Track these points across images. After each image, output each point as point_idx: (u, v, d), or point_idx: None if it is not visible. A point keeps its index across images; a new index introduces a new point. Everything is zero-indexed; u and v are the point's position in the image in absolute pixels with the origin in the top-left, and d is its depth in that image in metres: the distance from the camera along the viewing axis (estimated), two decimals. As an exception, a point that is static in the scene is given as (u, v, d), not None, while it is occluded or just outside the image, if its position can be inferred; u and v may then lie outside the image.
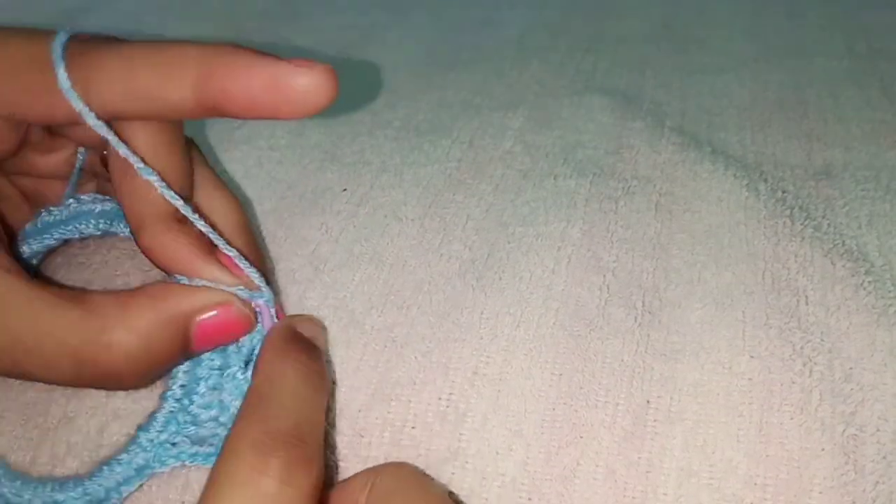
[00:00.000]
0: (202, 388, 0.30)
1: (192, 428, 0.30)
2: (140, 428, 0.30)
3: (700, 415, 0.31)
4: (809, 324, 0.33)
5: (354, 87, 0.47)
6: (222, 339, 0.30)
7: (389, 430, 0.31)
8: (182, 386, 0.30)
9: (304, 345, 0.30)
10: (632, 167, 0.43)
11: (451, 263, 0.37)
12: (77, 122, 0.28)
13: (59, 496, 0.29)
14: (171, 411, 0.30)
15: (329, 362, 0.33)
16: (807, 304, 0.34)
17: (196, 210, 0.30)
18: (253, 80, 0.27)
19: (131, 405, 0.33)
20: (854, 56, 0.54)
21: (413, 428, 0.31)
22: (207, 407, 0.30)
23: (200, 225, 0.29)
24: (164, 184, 0.28)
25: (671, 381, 0.32)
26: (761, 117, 0.48)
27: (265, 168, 0.44)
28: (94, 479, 0.29)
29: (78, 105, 0.27)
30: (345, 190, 0.42)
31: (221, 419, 0.30)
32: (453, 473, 0.30)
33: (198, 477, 0.31)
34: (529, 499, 0.30)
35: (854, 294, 0.34)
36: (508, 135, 0.47)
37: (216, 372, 0.30)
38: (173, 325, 0.28)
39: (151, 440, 0.29)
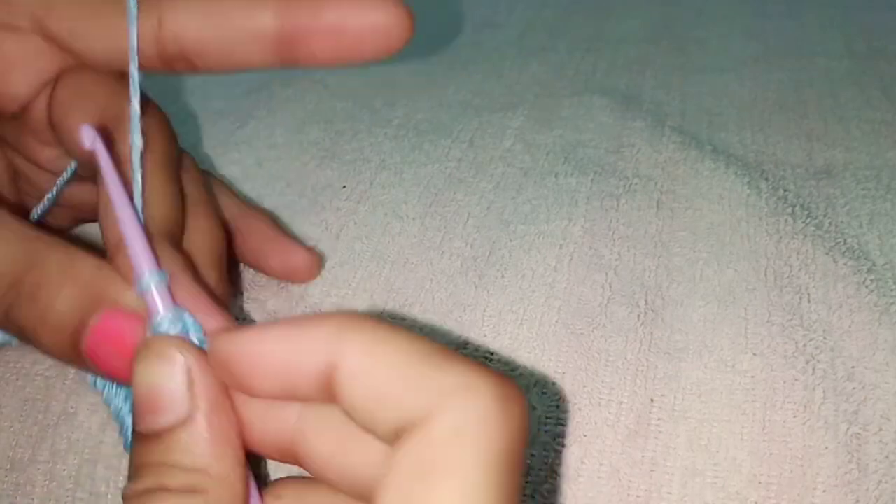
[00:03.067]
0: None
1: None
2: None
3: (704, 413, 0.31)
4: (811, 321, 0.33)
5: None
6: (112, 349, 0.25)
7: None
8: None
9: None
10: (633, 165, 0.43)
11: (452, 261, 0.37)
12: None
13: None
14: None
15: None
16: (809, 301, 0.34)
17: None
18: (335, 15, 0.26)
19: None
20: (854, 56, 0.54)
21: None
22: None
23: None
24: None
25: (674, 380, 0.32)
26: (761, 117, 0.48)
27: (265, 167, 0.44)
28: None
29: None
30: (344, 187, 0.42)
31: None
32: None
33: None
34: (533, 497, 0.30)
35: (856, 292, 0.34)
36: (508, 134, 0.47)
37: None
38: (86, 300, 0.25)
39: None
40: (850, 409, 0.31)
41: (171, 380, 0.22)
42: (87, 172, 0.31)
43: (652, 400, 0.31)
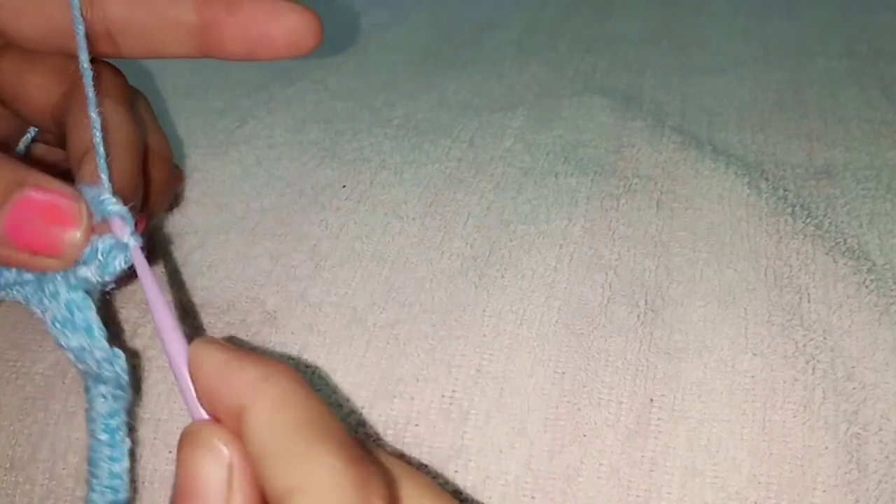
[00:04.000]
0: None
1: None
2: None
3: (703, 413, 0.31)
4: (811, 321, 0.33)
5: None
6: (35, 227, 0.26)
7: (392, 427, 0.31)
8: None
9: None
10: (633, 166, 0.43)
11: (452, 261, 0.37)
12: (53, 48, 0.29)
13: None
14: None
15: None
16: (809, 301, 0.34)
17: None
18: (246, 14, 0.28)
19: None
20: (854, 56, 0.54)
21: (416, 425, 0.31)
22: None
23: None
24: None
25: (674, 380, 0.32)
26: (761, 117, 0.48)
27: (264, 166, 0.44)
28: None
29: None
30: (344, 187, 0.42)
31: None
32: (456, 472, 0.30)
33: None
34: (532, 497, 0.30)
35: (856, 292, 0.34)
36: (508, 134, 0.47)
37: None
38: None
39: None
40: (850, 409, 0.31)
41: (215, 472, 0.22)
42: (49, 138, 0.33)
43: (652, 400, 0.31)
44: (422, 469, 0.30)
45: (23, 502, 0.32)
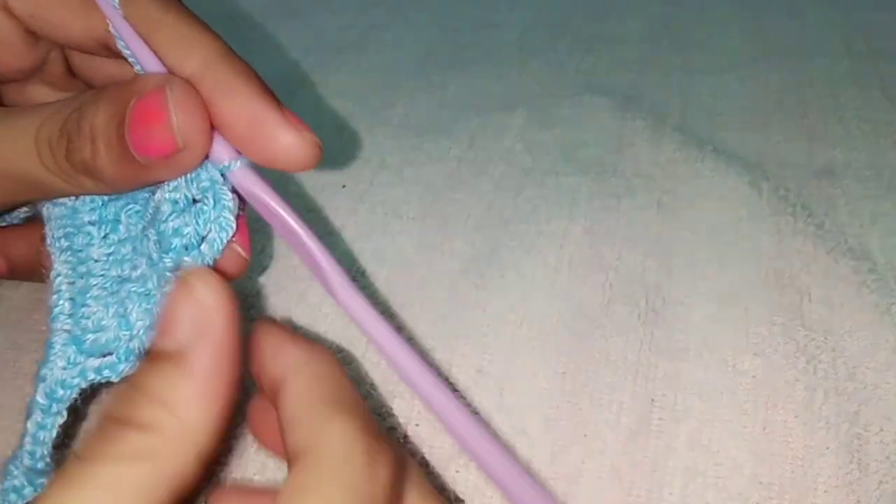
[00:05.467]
0: (92, 293, 0.27)
1: (91, 336, 0.26)
2: (39, 363, 0.27)
3: (705, 413, 0.31)
4: (813, 321, 0.33)
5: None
6: (147, 127, 0.25)
7: (393, 427, 0.31)
8: (69, 300, 0.27)
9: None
10: (633, 166, 0.43)
11: (452, 261, 0.37)
12: (84, 45, 0.29)
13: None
14: (65, 330, 0.27)
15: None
16: (810, 301, 0.34)
17: None
18: (242, 111, 0.26)
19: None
20: (854, 56, 0.54)
21: (416, 425, 0.31)
22: (105, 309, 0.27)
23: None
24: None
25: (675, 380, 0.32)
26: (762, 117, 0.48)
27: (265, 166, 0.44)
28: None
29: (111, 10, 0.27)
30: (344, 186, 0.42)
31: (123, 328, 0.27)
32: (457, 472, 0.30)
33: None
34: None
35: (857, 292, 0.34)
36: (509, 134, 0.46)
37: (108, 277, 0.28)
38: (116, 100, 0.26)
39: (51, 370, 0.26)
40: (852, 410, 0.31)
41: (183, 307, 0.23)
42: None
43: (653, 400, 0.31)
44: (423, 468, 0.30)
45: (22, 503, 0.32)
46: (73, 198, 0.29)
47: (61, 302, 0.27)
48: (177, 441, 0.22)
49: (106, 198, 0.29)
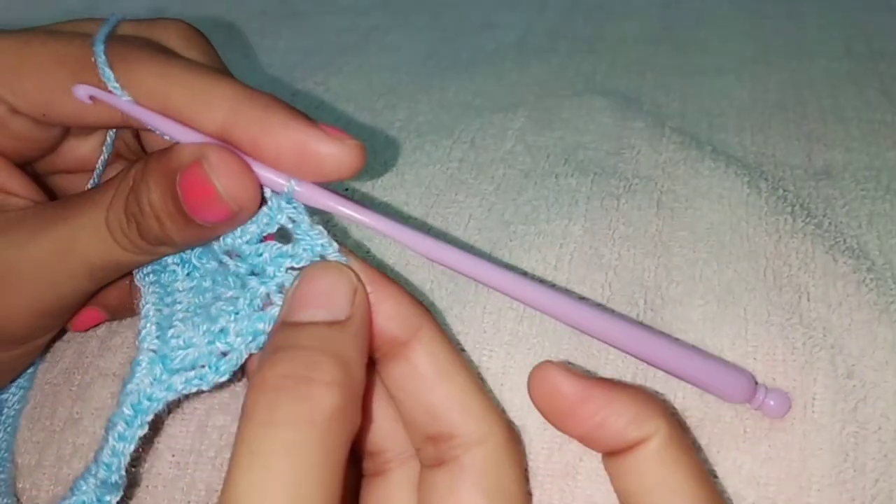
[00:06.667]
0: (178, 317, 0.29)
1: (180, 353, 0.29)
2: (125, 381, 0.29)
3: (703, 412, 0.31)
4: (811, 320, 0.33)
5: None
6: (200, 198, 0.27)
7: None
8: (156, 324, 0.29)
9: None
10: (633, 166, 0.43)
11: (453, 261, 0.37)
12: (106, 124, 0.30)
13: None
14: (152, 350, 0.29)
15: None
16: (808, 300, 0.34)
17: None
18: (284, 140, 0.27)
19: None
20: (854, 57, 0.54)
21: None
22: (195, 329, 0.29)
23: None
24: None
25: (673, 378, 0.32)
26: (761, 118, 0.49)
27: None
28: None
29: (125, 104, 0.28)
30: (347, 189, 0.42)
31: (220, 340, 0.29)
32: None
33: (202, 476, 0.31)
34: (531, 495, 0.30)
35: (856, 290, 0.34)
36: (509, 135, 0.47)
37: (193, 304, 0.30)
38: (164, 178, 0.27)
39: (137, 385, 0.28)
40: (849, 408, 0.31)
41: (343, 286, 0.27)
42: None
43: (652, 398, 0.31)
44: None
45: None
46: None
47: (148, 325, 0.29)
48: (355, 396, 0.25)
49: None
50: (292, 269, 0.28)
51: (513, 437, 0.29)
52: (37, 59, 0.29)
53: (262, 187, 0.28)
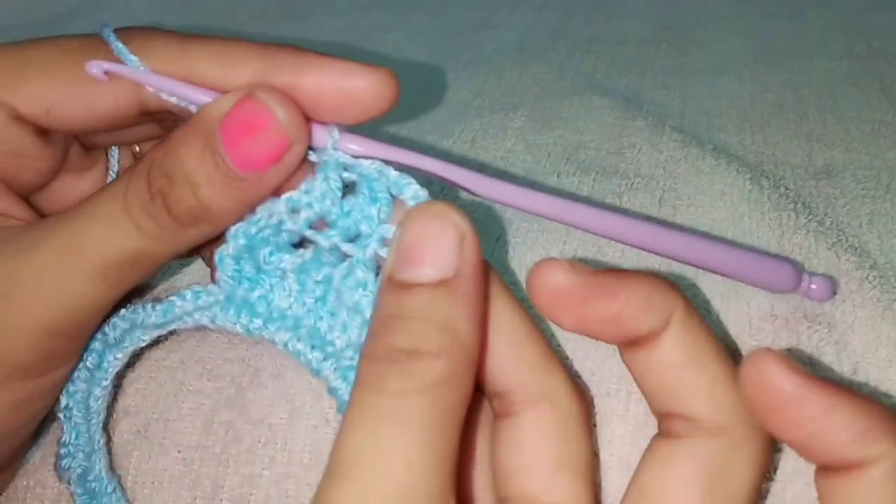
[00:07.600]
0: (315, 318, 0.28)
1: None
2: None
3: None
4: (815, 315, 0.33)
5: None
6: (249, 140, 0.26)
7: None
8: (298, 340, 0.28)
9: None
10: (634, 165, 0.43)
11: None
12: (113, 121, 0.29)
13: None
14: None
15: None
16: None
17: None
18: (322, 77, 0.26)
19: (140, 401, 0.33)
20: (854, 57, 0.55)
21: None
22: (332, 318, 0.28)
23: None
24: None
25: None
26: (761, 118, 0.49)
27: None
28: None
29: (144, 75, 0.27)
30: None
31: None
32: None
33: (208, 472, 0.31)
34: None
35: (859, 287, 0.34)
36: (510, 134, 0.47)
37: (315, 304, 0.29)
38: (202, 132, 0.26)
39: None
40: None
41: (445, 237, 0.24)
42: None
43: (659, 392, 0.31)
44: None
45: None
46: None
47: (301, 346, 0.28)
48: (465, 363, 0.23)
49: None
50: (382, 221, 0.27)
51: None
52: (39, 52, 0.28)
53: (308, 129, 0.27)
